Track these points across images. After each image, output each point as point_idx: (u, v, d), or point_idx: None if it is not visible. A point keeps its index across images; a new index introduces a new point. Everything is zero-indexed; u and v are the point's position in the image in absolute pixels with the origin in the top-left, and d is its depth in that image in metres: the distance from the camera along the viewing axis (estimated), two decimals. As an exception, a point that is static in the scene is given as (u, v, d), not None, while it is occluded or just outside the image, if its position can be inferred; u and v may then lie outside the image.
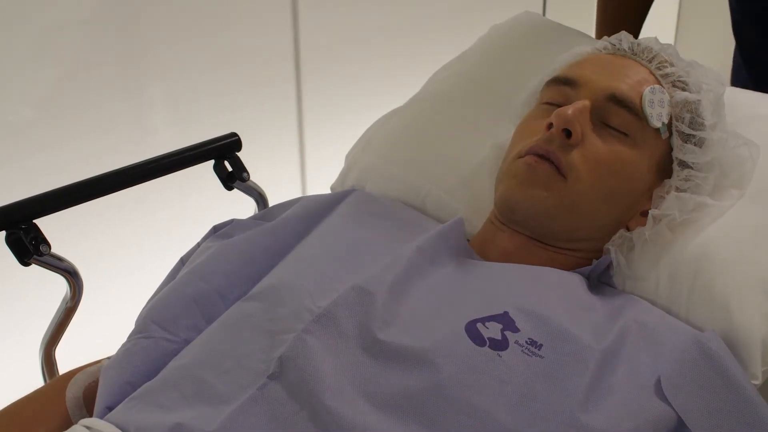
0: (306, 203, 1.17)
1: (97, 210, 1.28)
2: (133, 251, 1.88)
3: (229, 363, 0.89)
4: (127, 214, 1.81)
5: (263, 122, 2.07)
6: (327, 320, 0.88)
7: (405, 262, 0.96)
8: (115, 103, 1.86)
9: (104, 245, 1.80)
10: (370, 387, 0.84)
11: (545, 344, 0.88)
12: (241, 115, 1.98)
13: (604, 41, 1.15)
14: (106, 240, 1.82)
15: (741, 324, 0.97)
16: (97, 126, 1.83)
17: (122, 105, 1.87)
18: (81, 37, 1.77)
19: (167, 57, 1.92)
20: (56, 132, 1.77)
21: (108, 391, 0.96)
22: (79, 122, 1.79)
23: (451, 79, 1.41)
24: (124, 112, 1.89)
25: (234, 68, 2.03)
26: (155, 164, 1.28)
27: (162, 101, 1.95)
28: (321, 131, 2.24)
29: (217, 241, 1.13)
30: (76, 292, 1.19)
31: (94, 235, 1.75)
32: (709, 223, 1.06)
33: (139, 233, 1.89)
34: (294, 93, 2.16)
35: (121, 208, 1.65)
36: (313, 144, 2.24)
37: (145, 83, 1.92)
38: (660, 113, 1.04)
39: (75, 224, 1.34)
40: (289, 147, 2.21)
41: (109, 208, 1.37)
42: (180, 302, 1.03)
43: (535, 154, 1.02)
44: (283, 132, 2.19)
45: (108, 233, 1.81)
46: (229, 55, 2.02)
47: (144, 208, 1.84)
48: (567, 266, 1.05)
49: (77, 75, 1.77)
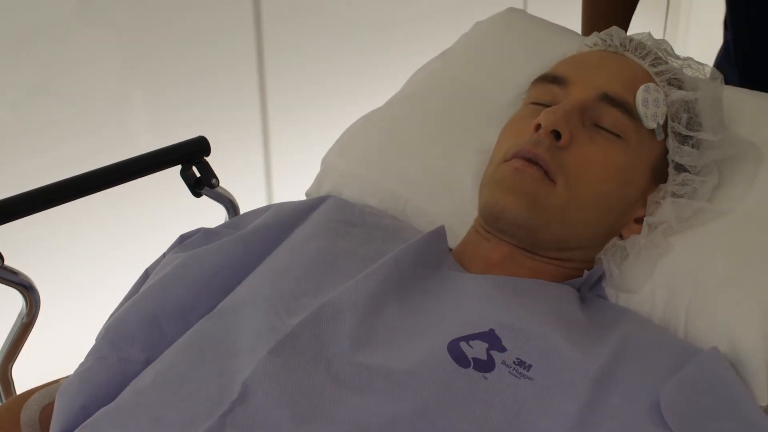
0: (278, 211, 1.12)
1: (56, 219, 1.24)
2: (96, 263, 1.84)
3: (187, 389, 0.84)
4: (89, 224, 1.77)
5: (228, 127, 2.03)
6: (295, 340, 0.83)
7: (381, 275, 0.92)
8: (94, 106, 1.81)
9: (64, 257, 1.77)
10: (342, 412, 0.78)
11: (534, 365, 0.83)
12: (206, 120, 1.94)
13: (594, 37, 1.11)
14: (66, 251, 1.79)
15: (745, 343, 0.93)
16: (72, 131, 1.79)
17: (102, 108, 1.83)
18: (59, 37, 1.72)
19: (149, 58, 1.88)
20: (30, 137, 1.72)
21: (63, 416, 0.92)
22: (53, 126, 1.76)
23: (432, 79, 1.37)
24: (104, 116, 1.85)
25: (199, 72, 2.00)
26: (117, 171, 1.22)
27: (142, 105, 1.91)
28: (287, 135, 2.22)
29: (184, 252, 1.08)
30: (33, 307, 1.15)
31: (53, 246, 1.73)
32: (709, 219, 1.02)
33: (102, 244, 1.86)
34: (258, 97, 2.13)
35: (83, 217, 1.62)
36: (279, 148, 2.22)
37: (123, 87, 1.87)
38: (655, 113, 0.99)
39: (32, 235, 1.30)
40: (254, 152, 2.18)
41: (69, 218, 1.32)
42: (139, 319, 0.98)
43: (522, 158, 0.97)
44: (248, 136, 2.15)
45: (68, 244, 1.79)
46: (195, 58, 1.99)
47: (107, 217, 1.80)
48: (556, 278, 1.00)
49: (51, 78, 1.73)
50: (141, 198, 1.72)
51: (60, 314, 1.33)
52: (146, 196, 1.71)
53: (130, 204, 1.75)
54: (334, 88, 2.25)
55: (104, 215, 1.77)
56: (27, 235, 1.26)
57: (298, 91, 2.19)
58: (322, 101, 2.21)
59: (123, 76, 1.87)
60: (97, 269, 1.83)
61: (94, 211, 1.61)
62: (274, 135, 2.16)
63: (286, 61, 2.18)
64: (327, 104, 2.17)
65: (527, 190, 0.95)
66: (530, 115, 1.02)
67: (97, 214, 1.72)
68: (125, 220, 1.85)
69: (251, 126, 2.12)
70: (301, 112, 2.19)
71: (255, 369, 0.80)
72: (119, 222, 1.84)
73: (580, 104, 0.98)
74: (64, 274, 1.73)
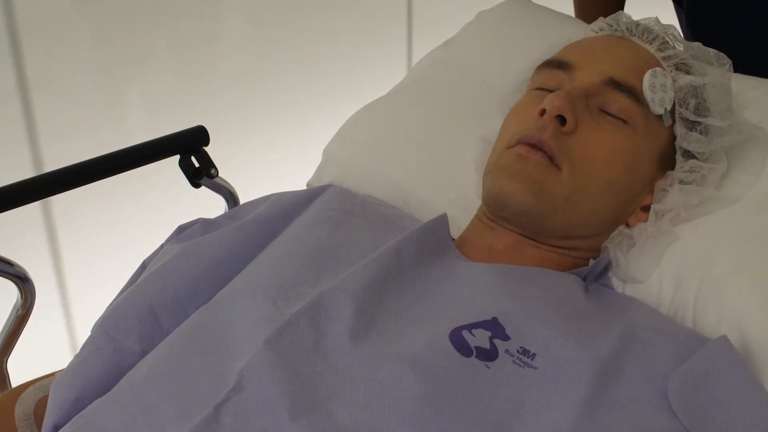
0: (278, 201, 1.10)
1: (53, 210, 1.21)
2: (93, 254, 1.82)
3: (183, 380, 0.83)
4: (86, 214, 1.75)
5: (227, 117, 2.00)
6: (293, 329, 0.81)
7: (381, 264, 0.90)
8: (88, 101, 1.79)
9: (60, 248, 1.75)
10: (339, 401, 0.77)
11: (539, 354, 0.81)
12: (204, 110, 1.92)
13: (599, 22, 1.09)
14: (63, 242, 1.76)
15: (754, 332, 0.91)
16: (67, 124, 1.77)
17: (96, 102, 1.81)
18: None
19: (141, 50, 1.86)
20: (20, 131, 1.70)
21: (57, 408, 0.90)
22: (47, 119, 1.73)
23: (435, 68, 1.35)
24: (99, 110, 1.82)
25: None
26: (115, 160, 1.20)
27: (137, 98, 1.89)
28: (287, 124, 2.20)
29: (181, 243, 1.06)
30: (28, 299, 1.14)
31: (48, 237, 1.69)
32: (717, 208, 1.00)
33: (100, 234, 1.84)
34: (254, 86, 2.11)
35: (80, 207, 1.60)
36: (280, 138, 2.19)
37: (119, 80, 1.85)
38: (662, 98, 0.97)
39: (27, 226, 1.28)
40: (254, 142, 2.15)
41: (66, 208, 1.30)
42: (136, 311, 0.96)
43: (526, 144, 0.95)
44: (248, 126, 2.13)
45: (65, 235, 1.76)
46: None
47: (105, 208, 1.79)
48: (562, 266, 0.98)
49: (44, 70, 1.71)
50: (139, 188, 1.71)
51: (55, 306, 1.31)
52: (145, 186, 1.69)
53: (128, 194, 1.74)
54: (333, 78, 2.23)
55: (102, 205, 1.75)
56: (22, 226, 1.25)
57: (298, 80, 2.17)
58: (323, 90, 2.19)
59: (118, 68, 1.86)
60: (94, 260, 1.81)
61: (92, 202, 1.60)
62: (274, 125, 2.14)
63: (286, 50, 2.16)
64: (327, 94, 2.14)
65: (532, 176, 0.93)
66: (534, 101, 0.99)
67: (94, 205, 1.70)
68: (123, 211, 1.83)
69: (251, 115, 2.10)
70: (302, 101, 2.18)
71: (251, 358, 0.78)
72: (117, 212, 1.82)
73: (585, 89, 0.96)
74: (60, 265, 1.71)
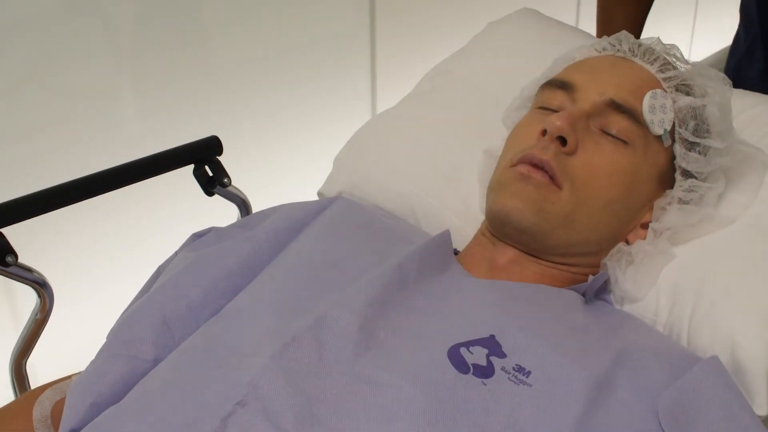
0: (287, 212, 1.12)
1: (71, 217, 1.23)
2: (109, 260, 1.82)
3: (190, 391, 0.84)
4: (103, 222, 1.75)
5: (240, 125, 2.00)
6: (298, 345, 0.82)
7: (385, 281, 0.91)
8: (88, 105, 1.79)
9: (77, 254, 1.75)
10: (343, 416, 0.78)
11: (534, 371, 0.83)
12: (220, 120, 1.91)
13: (603, 41, 1.09)
14: (80, 249, 1.76)
15: (746, 351, 0.92)
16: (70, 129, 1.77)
17: (95, 106, 1.81)
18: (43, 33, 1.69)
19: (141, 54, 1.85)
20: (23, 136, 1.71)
21: (73, 413, 0.91)
22: (51, 124, 1.73)
23: (445, 80, 1.36)
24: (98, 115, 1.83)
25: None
26: (131, 169, 1.22)
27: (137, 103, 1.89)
28: (299, 133, 2.18)
29: (194, 252, 1.07)
30: (47, 304, 1.15)
31: (67, 243, 1.69)
32: (715, 229, 1.01)
33: (116, 241, 1.83)
34: (269, 95, 2.09)
35: (96, 215, 1.59)
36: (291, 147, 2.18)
37: (119, 83, 1.86)
38: (662, 119, 0.98)
39: (45, 233, 1.29)
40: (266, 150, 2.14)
41: (83, 215, 1.31)
42: (150, 319, 0.97)
43: (528, 163, 0.96)
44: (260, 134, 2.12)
45: (82, 242, 1.75)
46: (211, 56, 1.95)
47: (121, 215, 1.78)
48: (562, 282, 1.00)
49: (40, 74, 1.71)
50: (154, 196, 1.71)
51: (73, 311, 1.33)
52: (159, 194, 1.70)
53: (143, 202, 1.74)
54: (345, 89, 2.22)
55: (118, 213, 1.75)
56: (41, 234, 1.26)
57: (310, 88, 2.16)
58: (333, 99, 2.18)
59: (118, 70, 1.84)
60: (110, 267, 1.81)
61: (108, 210, 1.60)
62: (286, 133, 2.13)
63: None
64: (337, 103, 2.13)
65: (533, 195, 0.95)
66: (537, 121, 1.01)
67: (110, 213, 1.71)
68: (139, 219, 1.83)
69: (263, 124, 2.09)
70: (312, 111, 2.17)
71: (257, 373, 0.80)
72: (133, 220, 1.82)
73: (586, 110, 0.98)
74: (77, 271, 1.71)
